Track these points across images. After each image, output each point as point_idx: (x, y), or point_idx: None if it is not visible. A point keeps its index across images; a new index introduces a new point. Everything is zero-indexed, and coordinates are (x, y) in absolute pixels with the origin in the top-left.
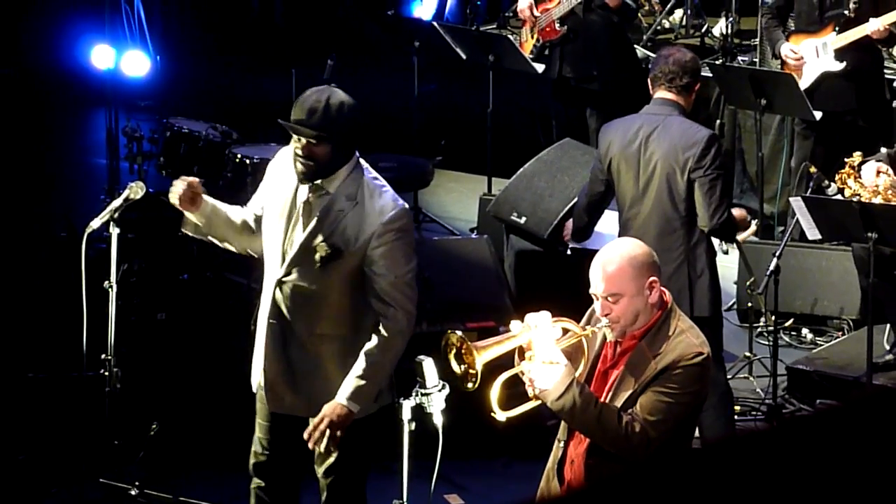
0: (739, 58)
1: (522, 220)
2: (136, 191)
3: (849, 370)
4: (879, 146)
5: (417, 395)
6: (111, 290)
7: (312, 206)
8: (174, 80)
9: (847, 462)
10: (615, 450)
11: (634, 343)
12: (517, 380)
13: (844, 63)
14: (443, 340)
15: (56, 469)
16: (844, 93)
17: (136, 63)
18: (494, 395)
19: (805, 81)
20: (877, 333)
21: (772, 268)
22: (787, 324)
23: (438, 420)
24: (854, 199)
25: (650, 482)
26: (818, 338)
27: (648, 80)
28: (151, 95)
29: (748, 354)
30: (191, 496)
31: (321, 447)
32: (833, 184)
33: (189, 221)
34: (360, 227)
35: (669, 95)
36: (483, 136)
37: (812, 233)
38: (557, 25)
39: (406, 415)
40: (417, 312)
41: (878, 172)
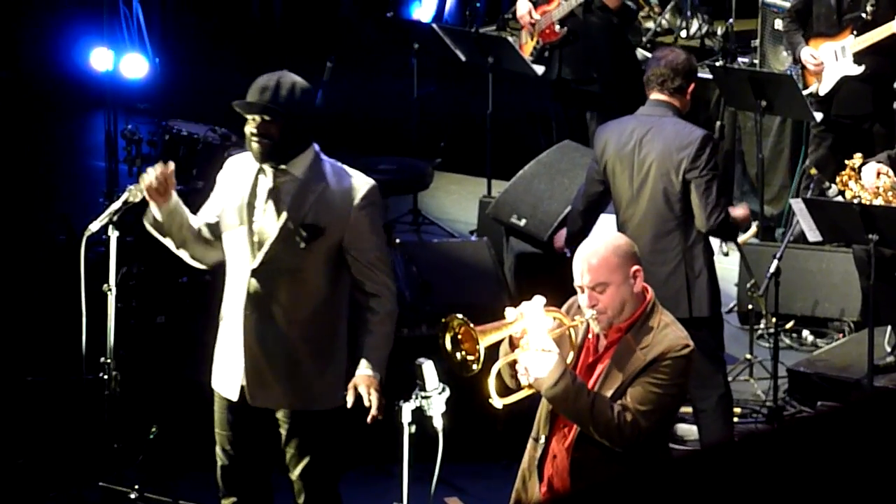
0: (740, 59)
1: (522, 223)
2: (136, 194)
3: (850, 372)
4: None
5: (417, 398)
6: (110, 294)
7: (281, 192)
8: (173, 83)
9: (848, 464)
10: (606, 439)
11: (620, 336)
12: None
13: (864, 67)
14: (442, 324)
15: (55, 473)
16: (863, 97)
17: (135, 65)
18: (492, 383)
19: (825, 86)
20: (877, 335)
21: (772, 270)
22: (788, 326)
23: (438, 423)
24: (855, 201)
25: (651, 485)
26: (819, 340)
27: (644, 82)
28: (150, 98)
29: (749, 356)
30: (190, 499)
31: (372, 418)
32: (834, 186)
33: (151, 214)
34: (338, 205)
35: (663, 97)
36: (483, 139)
37: (813, 234)
38: (557, 27)
39: (406, 417)
40: (417, 314)
41: (879, 174)
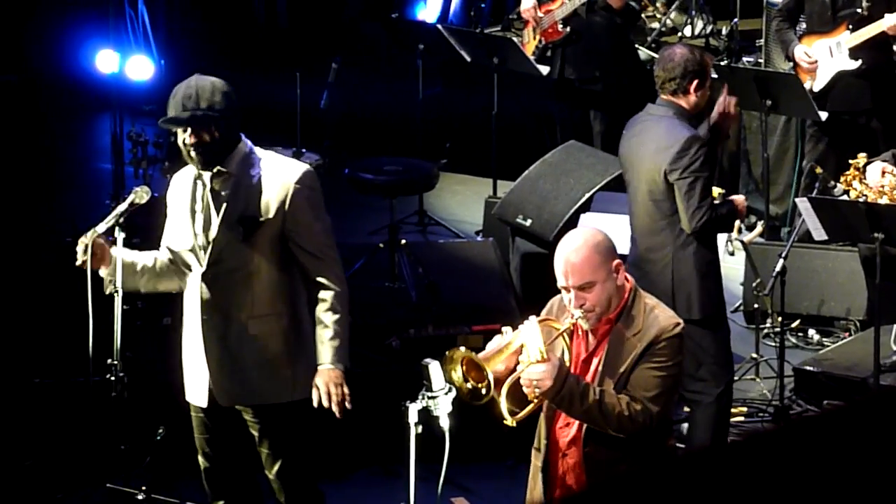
0: (744, 58)
1: (528, 223)
2: (142, 195)
3: (855, 371)
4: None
5: (424, 399)
6: (116, 295)
7: (219, 193)
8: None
9: (854, 463)
10: (620, 431)
11: (610, 327)
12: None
13: (860, 62)
14: (446, 357)
15: (62, 474)
16: (859, 93)
17: (141, 67)
18: (502, 404)
19: (820, 82)
20: (883, 334)
21: (778, 269)
22: (794, 325)
23: (445, 423)
24: (860, 200)
25: (657, 483)
26: (825, 339)
27: None
28: (156, 100)
29: (755, 356)
30: (197, 501)
31: (339, 413)
32: (839, 185)
33: (106, 281)
34: (273, 193)
35: (665, 97)
36: (488, 139)
37: (818, 234)
38: (560, 26)
39: (413, 418)
40: (424, 315)
41: (884, 173)
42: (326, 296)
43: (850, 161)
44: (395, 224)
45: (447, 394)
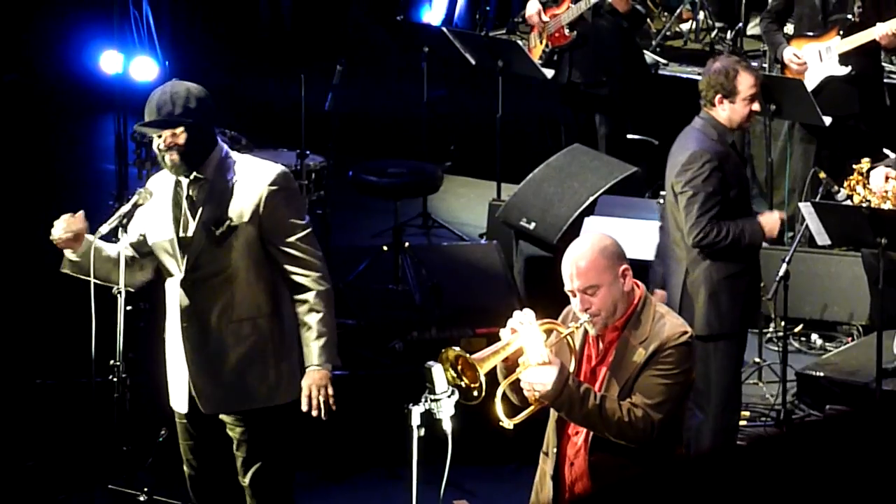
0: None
1: (532, 226)
2: (145, 196)
3: (858, 376)
4: (882, 150)
5: (426, 401)
6: (119, 296)
7: (196, 198)
8: None
9: (857, 468)
10: (621, 438)
11: (617, 334)
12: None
13: (850, 68)
14: (440, 357)
15: (64, 475)
16: (847, 97)
17: (145, 68)
18: (498, 407)
19: (808, 86)
20: (886, 339)
21: (781, 273)
22: (797, 329)
23: (447, 426)
24: (863, 205)
25: (659, 487)
26: (828, 343)
27: None
28: None
29: (758, 360)
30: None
31: (325, 415)
32: (842, 189)
33: (66, 260)
34: (248, 196)
35: (704, 108)
36: (492, 142)
37: (821, 238)
38: (567, 30)
39: (415, 421)
40: (427, 317)
41: (887, 178)
42: (308, 296)
43: (854, 166)
44: (399, 226)
45: (450, 396)
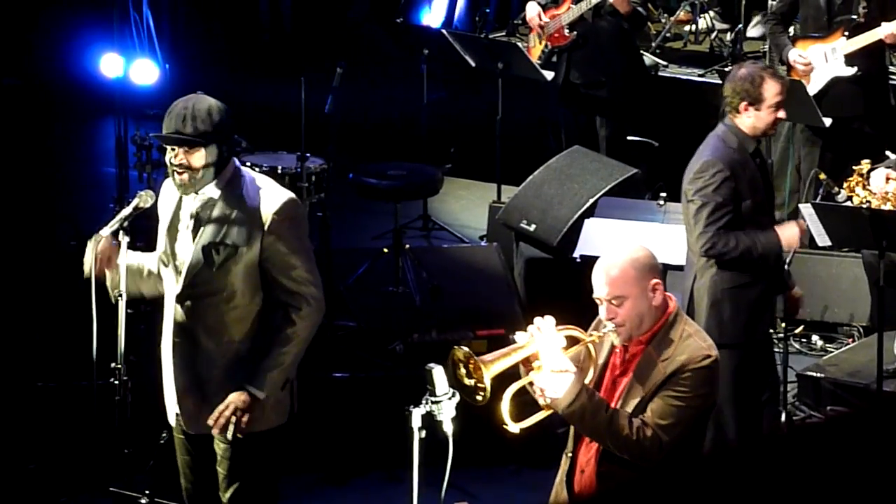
0: None
1: (532, 228)
2: (146, 199)
3: (859, 377)
4: (885, 152)
5: (427, 403)
6: (120, 299)
7: (200, 215)
8: (183, 89)
9: (857, 469)
10: (627, 455)
11: (642, 348)
12: (526, 389)
13: (855, 68)
14: (449, 357)
15: (66, 478)
16: (852, 98)
17: (145, 71)
18: (505, 408)
19: (813, 87)
20: (887, 340)
21: None
22: (798, 331)
23: (448, 428)
24: (864, 206)
25: (661, 488)
26: (828, 345)
27: None
28: (160, 104)
29: None
30: None
31: (228, 434)
32: (843, 191)
33: (109, 287)
34: (252, 222)
35: (728, 114)
36: (492, 144)
37: (822, 240)
38: (566, 31)
39: (416, 423)
40: (427, 320)
41: (888, 179)
42: (287, 328)
43: (854, 167)
44: (400, 229)
45: (451, 398)
